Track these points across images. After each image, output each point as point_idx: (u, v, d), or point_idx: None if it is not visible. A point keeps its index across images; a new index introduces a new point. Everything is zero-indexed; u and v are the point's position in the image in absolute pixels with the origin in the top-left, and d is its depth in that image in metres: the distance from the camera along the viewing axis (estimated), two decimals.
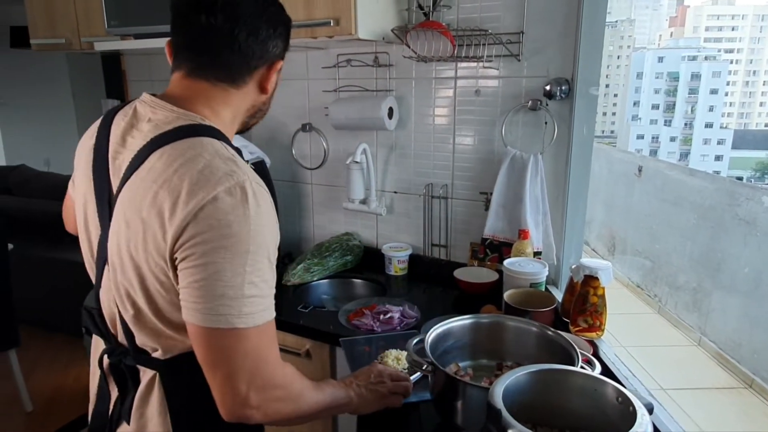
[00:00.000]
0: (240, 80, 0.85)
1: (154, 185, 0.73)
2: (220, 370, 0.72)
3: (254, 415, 0.74)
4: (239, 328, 0.71)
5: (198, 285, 0.70)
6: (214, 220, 0.70)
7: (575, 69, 1.53)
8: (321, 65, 1.94)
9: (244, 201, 0.72)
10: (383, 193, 1.95)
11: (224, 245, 0.70)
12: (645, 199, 5.74)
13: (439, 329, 1.06)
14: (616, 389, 0.77)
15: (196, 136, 0.76)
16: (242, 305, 0.71)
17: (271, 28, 0.85)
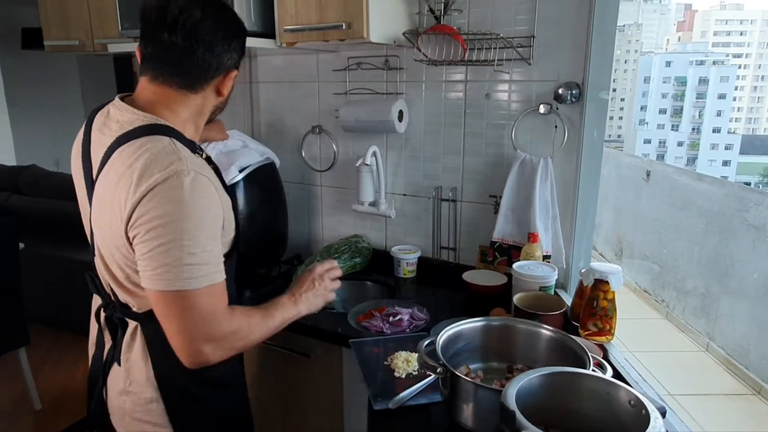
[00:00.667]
0: (198, 87, 0.98)
1: (114, 178, 0.89)
2: (172, 326, 0.88)
3: (209, 359, 0.90)
4: (183, 289, 0.85)
5: (147, 257, 0.86)
6: (154, 204, 0.85)
7: (586, 73, 1.54)
8: (331, 68, 1.95)
9: (179, 187, 0.85)
10: (392, 195, 1.96)
11: (162, 224, 0.84)
12: (653, 204, 5.72)
13: (450, 331, 1.07)
14: (628, 392, 0.78)
15: (151, 135, 0.91)
16: (182, 272, 0.85)
17: (227, 44, 0.98)
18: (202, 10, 0.93)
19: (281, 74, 2.08)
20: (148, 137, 0.90)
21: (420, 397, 1.13)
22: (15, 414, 2.54)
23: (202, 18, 0.93)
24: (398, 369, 1.24)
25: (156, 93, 0.97)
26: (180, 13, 0.91)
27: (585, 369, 0.91)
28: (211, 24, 0.94)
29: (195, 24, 0.92)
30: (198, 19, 0.92)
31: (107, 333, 1.05)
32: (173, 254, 0.84)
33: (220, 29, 0.96)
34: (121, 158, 0.89)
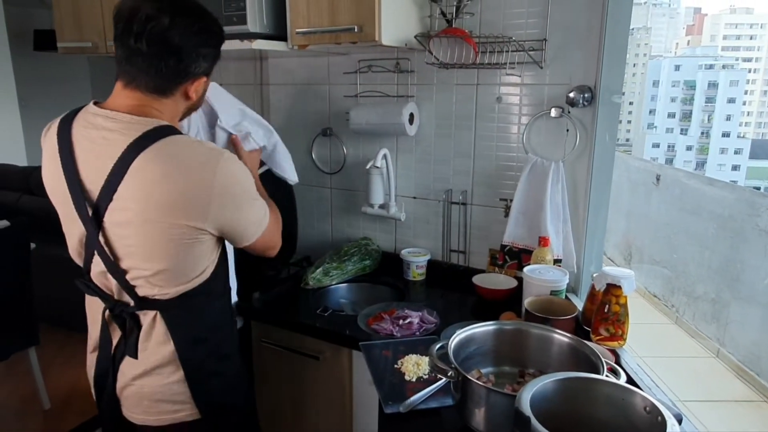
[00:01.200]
0: (168, 92, 1.01)
1: (151, 182, 0.95)
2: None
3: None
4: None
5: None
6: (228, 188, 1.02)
7: (598, 76, 1.53)
8: (342, 71, 1.95)
9: (233, 160, 1.05)
10: (402, 198, 1.95)
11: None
12: (663, 208, 5.68)
13: (462, 335, 1.06)
14: (644, 399, 0.77)
15: (164, 137, 0.96)
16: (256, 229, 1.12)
17: (194, 53, 0.99)
18: (171, 17, 0.94)
19: (292, 77, 2.09)
20: (164, 140, 0.96)
21: (431, 401, 1.12)
22: (24, 413, 2.55)
23: (170, 26, 0.94)
24: (408, 372, 1.23)
25: (131, 97, 1.00)
26: (147, 21, 0.92)
27: (599, 374, 0.90)
28: (179, 33, 0.95)
29: (162, 32, 0.93)
30: (165, 27, 0.93)
31: (115, 330, 1.09)
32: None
33: (188, 38, 0.97)
34: (151, 163, 0.94)
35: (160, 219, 0.96)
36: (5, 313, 2.30)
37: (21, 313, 2.37)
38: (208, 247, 1.05)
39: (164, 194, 0.95)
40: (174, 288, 1.03)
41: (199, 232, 1.00)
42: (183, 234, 0.98)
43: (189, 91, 1.04)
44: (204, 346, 1.09)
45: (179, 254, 1.00)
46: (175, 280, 1.03)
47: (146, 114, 1.00)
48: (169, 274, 1.02)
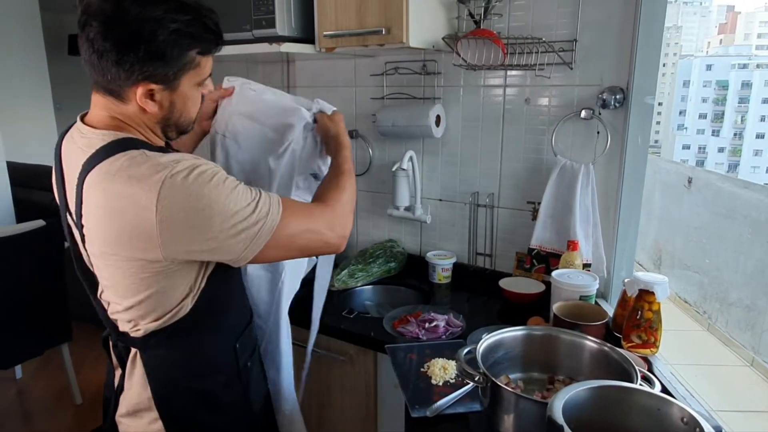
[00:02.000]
0: (119, 95, 0.87)
1: (103, 209, 0.83)
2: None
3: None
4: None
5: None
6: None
7: (631, 77, 1.50)
8: (369, 73, 1.95)
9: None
10: (428, 200, 1.95)
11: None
12: (695, 212, 5.54)
13: (490, 339, 1.05)
14: (681, 409, 0.74)
15: (115, 153, 0.83)
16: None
17: (121, 53, 0.81)
18: (98, 14, 0.81)
19: (318, 79, 2.10)
20: (112, 157, 0.83)
21: (458, 406, 1.11)
22: (57, 407, 2.63)
23: (99, 22, 0.81)
24: (435, 376, 1.22)
25: (99, 104, 0.89)
26: (85, 14, 0.82)
27: (632, 383, 0.88)
28: (103, 32, 0.81)
29: (92, 26, 0.81)
30: (94, 21, 0.81)
31: (116, 360, 1.02)
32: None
33: (109, 37, 0.81)
34: (94, 187, 0.82)
35: (113, 251, 0.85)
36: (40, 310, 2.37)
37: (55, 311, 2.44)
38: (182, 276, 0.89)
39: (107, 224, 0.83)
40: (145, 325, 0.91)
41: (161, 264, 0.85)
42: (142, 267, 0.85)
43: (137, 98, 0.86)
44: (189, 392, 0.96)
45: (145, 289, 0.87)
46: (146, 317, 0.90)
47: (114, 126, 0.88)
48: (138, 310, 0.90)
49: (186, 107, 0.93)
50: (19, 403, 2.69)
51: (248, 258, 0.88)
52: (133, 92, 0.86)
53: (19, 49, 3.91)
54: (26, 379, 2.85)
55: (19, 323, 2.30)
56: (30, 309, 2.33)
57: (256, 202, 0.87)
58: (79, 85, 5.77)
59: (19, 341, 2.34)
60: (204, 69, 0.92)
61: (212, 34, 0.89)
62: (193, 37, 0.86)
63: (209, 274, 0.93)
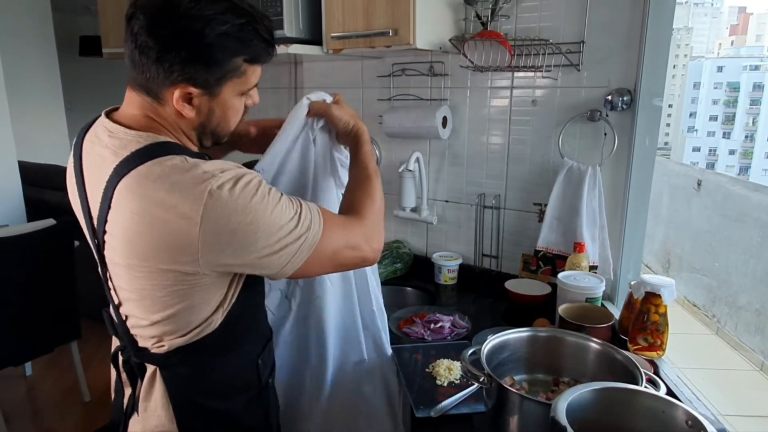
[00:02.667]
0: (156, 96, 0.83)
1: (134, 216, 0.78)
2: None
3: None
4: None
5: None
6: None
7: (638, 79, 1.49)
8: (376, 74, 1.96)
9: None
10: (434, 201, 1.95)
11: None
12: (704, 215, 5.50)
13: (495, 341, 1.05)
14: (687, 412, 0.74)
15: (154, 158, 0.78)
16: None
17: (163, 51, 0.77)
18: (147, 7, 0.78)
19: (325, 80, 2.11)
20: (150, 162, 0.78)
21: (462, 407, 1.12)
22: (66, 404, 2.65)
23: (146, 15, 0.78)
24: (440, 377, 1.23)
25: (134, 102, 0.85)
26: (133, 6, 0.79)
27: (637, 385, 0.88)
28: (148, 26, 0.77)
29: (138, 19, 0.78)
30: (141, 14, 0.78)
31: (126, 378, 0.94)
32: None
33: (153, 32, 0.77)
34: (129, 193, 0.77)
35: (143, 263, 0.79)
36: (50, 307, 2.40)
37: (65, 308, 2.46)
38: (216, 289, 0.85)
39: (143, 233, 0.77)
40: (170, 341, 0.86)
41: (194, 277, 0.80)
42: (177, 279, 0.80)
43: (174, 100, 0.82)
44: (211, 414, 0.91)
45: (177, 302, 0.82)
46: (174, 333, 0.85)
47: (149, 127, 0.83)
48: (167, 325, 0.84)
49: (225, 116, 0.88)
50: (28, 400, 2.72)
51: (288, 273, 0.84)
52: (171, 94, 0.81)
53: (32, 50, 3.95)
54: (36, 377, 2.89)
55: (29, 321, 2.32)
56: (40, 307, 2.36)
57: (298, 216, 0.83)
58: (90, 86, 5.82)
59: (29, 339, 2.36)
60: (250, 78, 0.86)
61: (264, 42, 0.83)
62: (242, 43, 0.81)
63: (241, 287, 0.89)
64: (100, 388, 2.73)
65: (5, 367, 2.30)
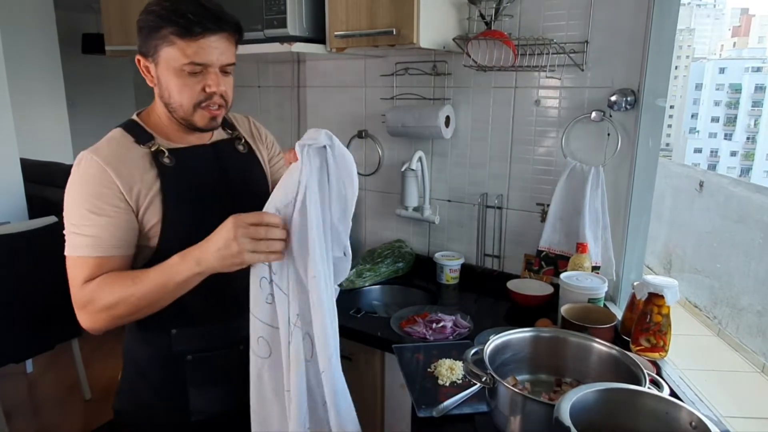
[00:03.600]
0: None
1: None
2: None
3: (85, 324, 1.01)
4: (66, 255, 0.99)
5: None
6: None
7: (642, 79, 1.49)
8: (379, 73, 1.96)
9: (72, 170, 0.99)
10: (437, 201, 1.95)
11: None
12: (706, 216, 5.49)
13: (498, 341, 1.05)
14: (690, 413, 0.74)
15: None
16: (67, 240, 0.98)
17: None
18: None
19: (329, 79, 2.11)
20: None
21: (464, 407, 1.11)
22: (66, 402, 2.65)
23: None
24: (442, 376, 1.22)
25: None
26: None
27: (640, 386, 0.87)
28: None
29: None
30: None
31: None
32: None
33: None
34: None
35: None
36: (51, 305, 2.39)
37: (66, 306, 2.45)
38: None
39: None
40: None
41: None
42: None
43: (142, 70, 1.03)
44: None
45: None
46: None
47: (150, 109, 1.09)
48: None
49: (170, 87, 0.99)
50: (29, 397, 2.72)
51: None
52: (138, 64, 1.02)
53: (34, 48, 3.95)
54: (37, 374, 2.89)
55: (30, 318, 2.32)
56: (41, 304, 2.36)
57: (82, 226, 0.97)
58: (92, 83, 5.81)
59: (30, 336, 2.36)
60: (185, 51, 0.95)
61: (183, 19, 0.94)
62: (162, 18, 0.95)
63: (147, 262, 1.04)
64: (100, 385, 2.73)
65: (6, 364, 2.30)
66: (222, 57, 0.98)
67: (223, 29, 0.97)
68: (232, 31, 0.99)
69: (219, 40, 0.97)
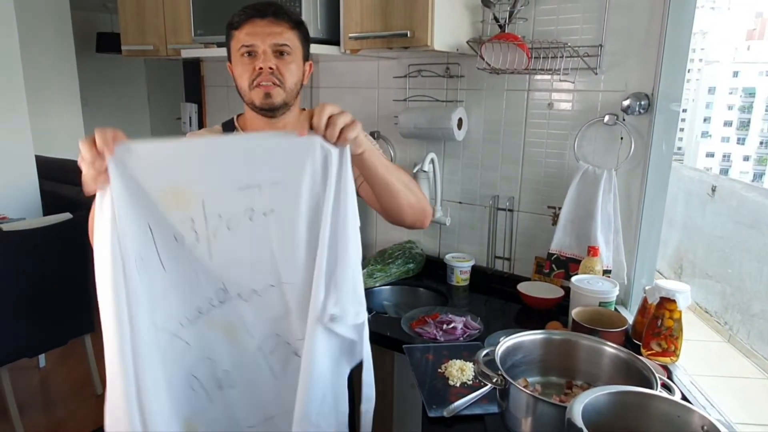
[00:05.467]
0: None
1: None
2: None
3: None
4: None
5: None
6: None
7: (656, 83, 1.49)
8: (392, 75, 1.97)
9: None
10: (448, 202, 1.95)
11: None
12: (718, 221, 5.45)
13: (509, 342, 1.05)
14: (702, 417, 0.74)
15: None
16: None
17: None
18: None
19: (342, 80, 2.12)
20: None
21: (475, 407, 1.12)
22: (78, 396, 2.69)
23: None
24: (452, 377, 1.23)
25: None
26: None
27: (652, 390, 0.88)
28: None
29: None
30: None
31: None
32: None
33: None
34: None
35: None
36: (65, 300, 2.43)
37: (79, 302, 2.49)
38: None
39: None
40: None
41: None
42: None
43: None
44: None
45: None
46: None
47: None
48: None
49: (236, 75, 1.13)
50: (41, 391, 2.76)
51: None
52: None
53: (50, 47, 4.00)
54: (49, 368, 2.92)
55: (44, 313, 2.35)
56: (55, 300, 2.39)
57: None
58: (106, 83, 5.87)
59: (43, 331, 2.39)
60: (239, 38, 1.09)
61: (236, 16, 1.11)
62: (229, 26, 1.13)
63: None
64: None
65: (19, 358, 2.33)
66: (268, 38, 1.08)
67: (265, 15, 1.09)
68: (275, 16, 1.09)
69: (266, 25, 1.08)
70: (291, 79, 1.12)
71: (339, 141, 0.88)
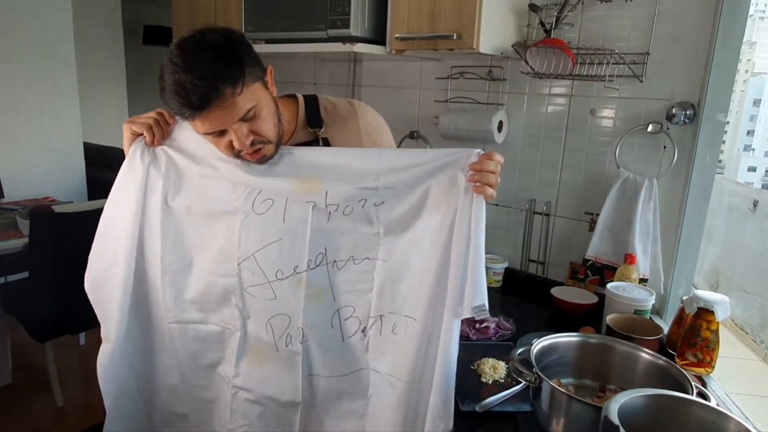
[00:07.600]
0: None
1: None
2: None
3: None
4: None
5: None
6: None
7: (703, 93, 1.47)
8: (434, 76, 1.99)
9: None
10: None
11: None
12: (759, 236, 5.29)
13: (545, 342, 1.07)
14: (739, 424, 0.75)
15: None
16: None
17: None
18: None
19: (384, 79, 2.16)
20: None
21: (507, 405, 1.14)
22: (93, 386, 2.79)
23: None
24: (485, 374, 1.25)
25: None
26: None
27: None
28: None
29: None
30: None
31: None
32: None
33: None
34: None
35: None
36: None
37: None
38: None
39: None
40: None
41: None
42: None
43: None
44: None
45: None
46: None
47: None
48: None
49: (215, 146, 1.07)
50: (81, 367, 2.87)
51: None
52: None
53: (101, 38, 4.16)
54: (89, 346, 3.04)
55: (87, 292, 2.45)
56: None
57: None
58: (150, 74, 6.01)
59: (86, 309, 2.49)
60: (197, 127, 0.97)
61: (176, 108, 0.94)
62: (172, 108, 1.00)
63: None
64: None
65: (63, 335, 2.44)
66: (228, 119, 0.93)
67: (207, 104, 0.89)
68: (218, 97, 0.89)
69: (216, 113, 0.91)
70: (271, 128, 0.99)
71: (476, 190, 0.99)
